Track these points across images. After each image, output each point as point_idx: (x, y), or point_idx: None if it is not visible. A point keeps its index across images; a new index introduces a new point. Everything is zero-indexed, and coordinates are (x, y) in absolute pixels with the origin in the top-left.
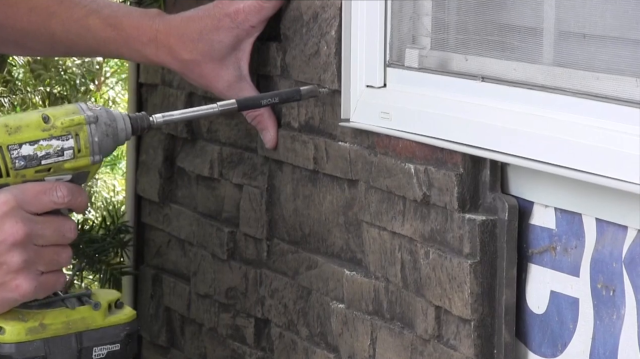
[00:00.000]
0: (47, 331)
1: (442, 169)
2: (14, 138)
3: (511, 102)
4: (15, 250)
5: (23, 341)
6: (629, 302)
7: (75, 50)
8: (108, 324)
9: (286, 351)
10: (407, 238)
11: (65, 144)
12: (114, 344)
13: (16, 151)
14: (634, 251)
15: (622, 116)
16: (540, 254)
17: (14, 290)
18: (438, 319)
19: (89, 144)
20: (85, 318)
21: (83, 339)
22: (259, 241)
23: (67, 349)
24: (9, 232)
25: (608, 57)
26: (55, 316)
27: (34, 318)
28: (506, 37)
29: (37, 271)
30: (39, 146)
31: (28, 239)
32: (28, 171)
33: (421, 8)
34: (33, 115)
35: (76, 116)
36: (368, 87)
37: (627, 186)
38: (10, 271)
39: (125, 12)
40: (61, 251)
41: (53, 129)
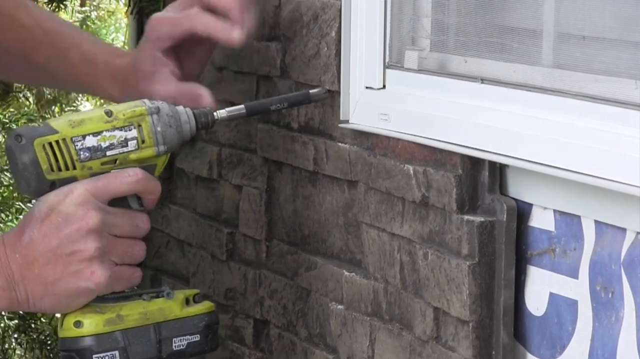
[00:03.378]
0: (124, 322)
1: (440, 170)
2: (78, 130)
3: (510, 104)
4: (89, 237)
5: (101, 332)
6: (627, 304)
7: (54, 81)
8: (186, 315)
9: (285, 352)
10: (406, 239)
11: (128, 134)
12: (193, 335)
13: (80, 143)
14: (632, 253)
15: (621, 118)
16: (539, 256)
17: (88, 278)
18: (436, 320)
19: (152, 134)
20: (163, 309)
21: (162, 330)
22: (258, 242)
23: (146, 340)
24: (83, 220)
25: (607, 59)
26: (132, 308)
27: (111, 309)
28: (506, 39)
29: (111, 261)
30: (103, 137)
31: (102, 227)
32: (94, 163)
33: (421, 10)
34: (96, 110)
35: (137, 108)
36: (367, 88)
37: (626, 188)
38: (84, 258)
39: (101, 49)
40: (134, 244)
41: (115, 121)
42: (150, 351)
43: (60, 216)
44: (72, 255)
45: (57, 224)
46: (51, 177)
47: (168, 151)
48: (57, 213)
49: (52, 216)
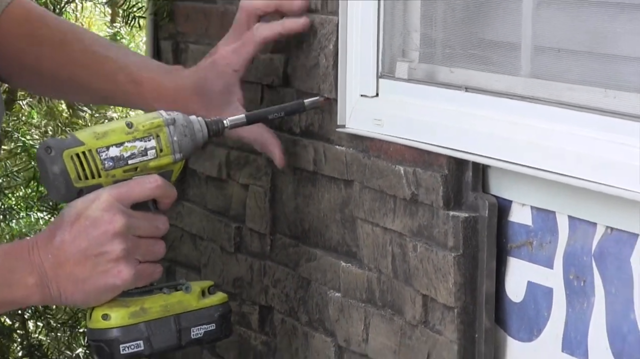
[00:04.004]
0: (147, 314)
1: (428, 170)
2: (102, 142)
3: (492, 110)
4: (115, 240)
5: (127, 324)
6: (598, 292)
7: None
8: (202, 306)
9: (287, 335)
10: (397, 233)
11: (147, 144)
12: (209, 324)
13: (104, 153)
14: (602, 245)
15: (592, 123)
16: (518, 248)
17: (116, 276)
18: (425, 306)
19: (169, 143)
20: (181, 301)
21: (181, 320)
22: (263, 235)
23: (167, 330)
24: (110, 223)
25: (579, 69)
26: (154, 301)
27: (135, 303)
28: (488, 52)
29: (135, 260)
30: (124, 147)
31: (127, 230)
32: (117, 171)
33: (411, 25)
34: (117, 123)
35: (155, 119)
36: (362, 96)
37: (596, 186)
38: (111, 259)
39: (147, 69)
40: (155, 243)
41: (136, 132)
42: (171, 340)
43: (88, 220)
44: (100, 256)
45: (85, 228)
46: (79, 185)
47: (183, 157)
48: (86, 218)
49: (81, 220)
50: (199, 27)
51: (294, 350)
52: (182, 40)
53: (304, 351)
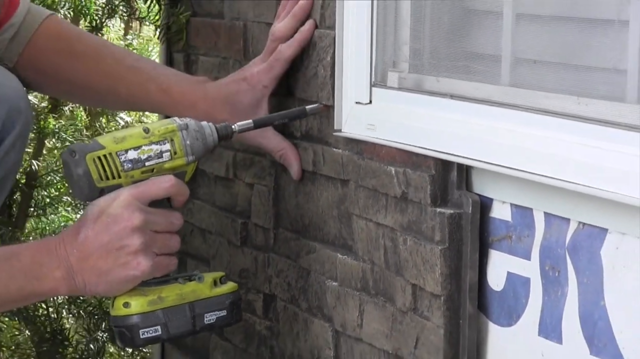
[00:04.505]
0: (164, 302)
1: (417, 171)
2: (121, 146)
3: (475, 116)
4: (134, 234)
5: (146, 311)
6: (571, 281)
7: (134, 108)
8: (214, 294)
9: (289, 321)
10: (389, 228)
11: (163, 147)
12: (221, 310)
13: (124, 156)
14: (575, 239)
15: (566, 128)
16: (498, 242)
17: (135, 268)
18: (414, 294)
19: (182, 146)
20: (195, 290)
21: (195, 308)
22: (267, 230)
23: (182, 316)
24: (129, 220)
25: (554, 79)
26: (170, 290)
27: (153, 292)
28: (471, 63)
29: (153, 253)
30: (142, 150)
31: (145, 225)
32: (135, 172)
33: (401, 38)
34: (135, 128)
35: (170, 125)
36: (357, 103)
37: (569, 185)
38: (131, 252)
39: (176, 80)
40: (171, 237)
41: (152, 136)
42: (187, 325)
43: (109, 217)
44: (121, 249)
45: (107, 224)
46: (100, 185)
47: (196, 159)
48: (107, 215)
49: (103, 217)
50: (208, 41)
51: (295, 334)
52: (193, 53)
53: (304, 335)
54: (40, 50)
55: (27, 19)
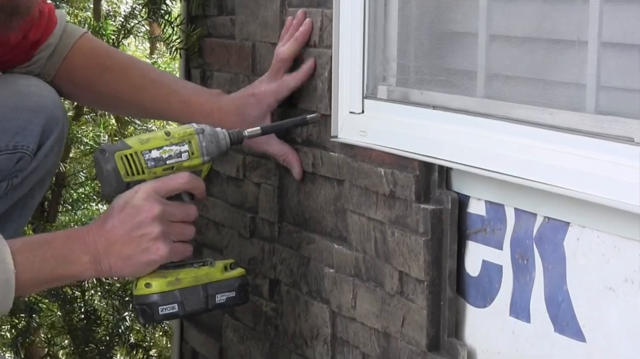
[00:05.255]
0: (181, 283)
1: (404, 172)
2: (146, 146)
3: (454, 124)
4: (154, 223)
5: (165, 291)
6: (537, 268)
7: (157, 117)
8: (225, 277)
9: (292, 303)
10: (379, 222)
11: (182, 148)
12: (230, 292)
13: (147, 155)
14: (541, 231)
15: (533, 134)
16: (475, 234)
17: (155, 252)
18: (401, 280)
19: (199, 148)
20: (208, 273)
21: (208, 289)
22: (272, 223)
23: (197, 296)
24: (149, 210)
25: (524, 92)
26: (186, 273)
27: (171, 274)
28: (450, 77)
29: (170, 240)
30: (163, 150)
31: (163, 215)
32: (157, 169)
33: (389, 56)
34: (158, 132)
35: (188, 129)
36: (351, 113)
37: (536, 184)
38: (151, 239)
39: (194, 93)
40: (187, 227)
41: (172, 139)
42: (200, 304)
43: (133, 208)
44: (143, 236)
45: (130, 214)
46: (127, 179)
47: (211, 160)
48: (131, 206)
49: (127, 208)
50: (221, 59)
51: (297, 314)
52: (208, 69)
53: (304, 315)
54: (75, 67)
55: (63, 39)
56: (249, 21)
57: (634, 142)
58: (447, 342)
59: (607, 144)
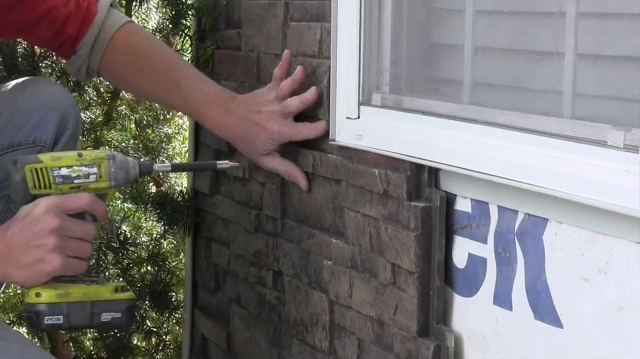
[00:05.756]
0: (70, 297)
1: (396, 172)
2: (56, 163)
3: (442, 129)
4: (50, 235)
5: (53, 302)
6: (519, 261)
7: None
8: (113, 298)
9: (293, 292)
10: (373, 218)
11: (90, 170)
12: (116, 313)
13: (57, 172)
14: (522, 227)
15: (515, 138)
16: (461, 229)
17: (49, 263)
18: (393, 271)
19: (107, 173)
20: (97, 292)
21: (94, 306)
22: (275, 219)
23: (83, 311)
24: (47, 223)
25: (506, 99)
26: (76, 288)
27: (62, 287)
28: (439, 86)
29: (65, 254)
30: (73, 169)
31: (61, 229)
32: (64, 186)
33: (383, 66)
34: (71, 152)
35: (100, 154)
36: (347, 118)
37: (517, 184)
38: (47, 250)
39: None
40: (83, 244)
41: (84, 160)
42: (85, 319)
43: (33, 219)
44: (39, 247)
45: (30, 224)
46: (34, 192)
47: (117, 186)
48: (31, 217)
49: (27, 219)
50: (229, 69)
51: (298, 303)
52: (217, 78)
53: (305, 303)
54: (112, 63)
55: (101, 34)
56: (254, 34)
57: (607, 145)
58: (436, 328)
59: (582, 147)
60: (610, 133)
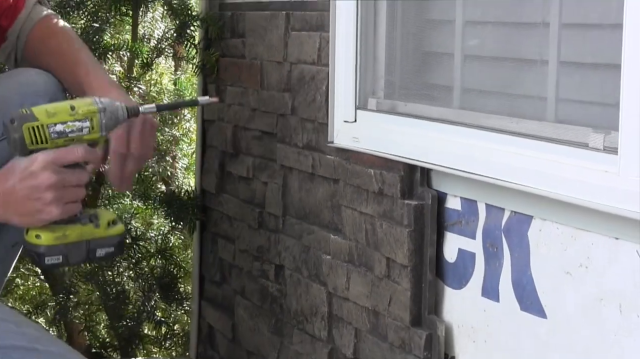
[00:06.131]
0: (67, 238)
1: (390, 172)
2: (52, 120)
3: (434, 131)
4: (48, 191)
5: (52, 244)
6: (505, 256)
7: None
8: (106, 235)
9: (294, 285)
10: (369, 215)
11: (84, 124)
12: (109, 247)
13: (52, 128)
14: (509, 223)
15: (501, 140)
16: (452, 226)
17: (48, 214)
18: (388, 265)
19: (99, 124)
20: (92, 231)
21: (90, 244)
22: (277, 217)
23: (80, 250)
24: (46, 179)
25: (495, 104)
26: (73, 230)
27: (60, 229)
28: (430, 91)
29: (63, 203)
30: (67, 125)
31: (57, 183)
32: (59, 141)
33: (378, 73)
34: (65, 104)
35: (92, 107)
36: (345, 121)
37: (504, 183)
38: (45, 203)
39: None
40: (79, 189)
41: (77, 115)
42: (82, 257)
43: (31, 175)
44: (37, 200)
45: (29, 179)
46: (31, 147)
47: (108, 133)
48: (30, 172)
49: (26, 173)
50: (233, 75)
51: (299, 295)
52: (222, 84)
53: (305, 295)
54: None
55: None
56: (257, 43)
57: (588, 147)
58: (428, 318)
59: (564, 149)
60: (591, 136)
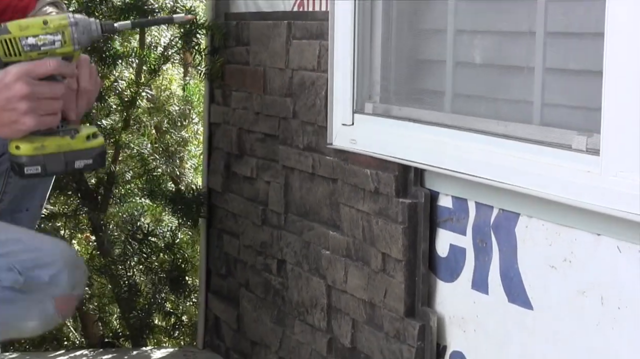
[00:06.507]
0: (45, 149)
1: (386, 172)
2: (24, 33)
3: (427, 134)
4: (22, 101)
5: (31, 154)
6: (494, 251)
7: None
8: (85, 147)
9: (295, 278)
10: (365, 213)
11: (55, 38)
12: (88, 159)
13: (24, 41)
14: (497, 220)
15: (490, 142)
16: (444, 222)
17: (22, 124)
18: (383, 260)
19: (71, 38)
20: (70, 143)
21: (68, 156)
22: (279, 214)
23: (58, 161)
24: (19, 90)
25: (483, 108)
26: (51, 141)
27: (38, 141)
28: (424, 96)
29: (38, 114)
30: (39, 38)
31: (32, 94)
32: (33, 54)
33: (374, 79)
34: (38, 19)
35: (63, 21)
36: (343, 124)
37: (493, 182)
38: (20, 113)
39: None
40: (54, 102)
41: (48, 29)
42: (60, 167)
43: (5, 87)
44: (12, 111)
45: (2, 91)
46: (5, 60)
47: (81, 47)
48: (3, 84)
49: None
50: (238, 81)
51: (300, 288)
52: (228, 89)
53: (306, 288)
54: None
55: None
56: (261, 51)
57: (571, 148)
58: (421, 310)
59: (549, 150)
60: (574, 138)
